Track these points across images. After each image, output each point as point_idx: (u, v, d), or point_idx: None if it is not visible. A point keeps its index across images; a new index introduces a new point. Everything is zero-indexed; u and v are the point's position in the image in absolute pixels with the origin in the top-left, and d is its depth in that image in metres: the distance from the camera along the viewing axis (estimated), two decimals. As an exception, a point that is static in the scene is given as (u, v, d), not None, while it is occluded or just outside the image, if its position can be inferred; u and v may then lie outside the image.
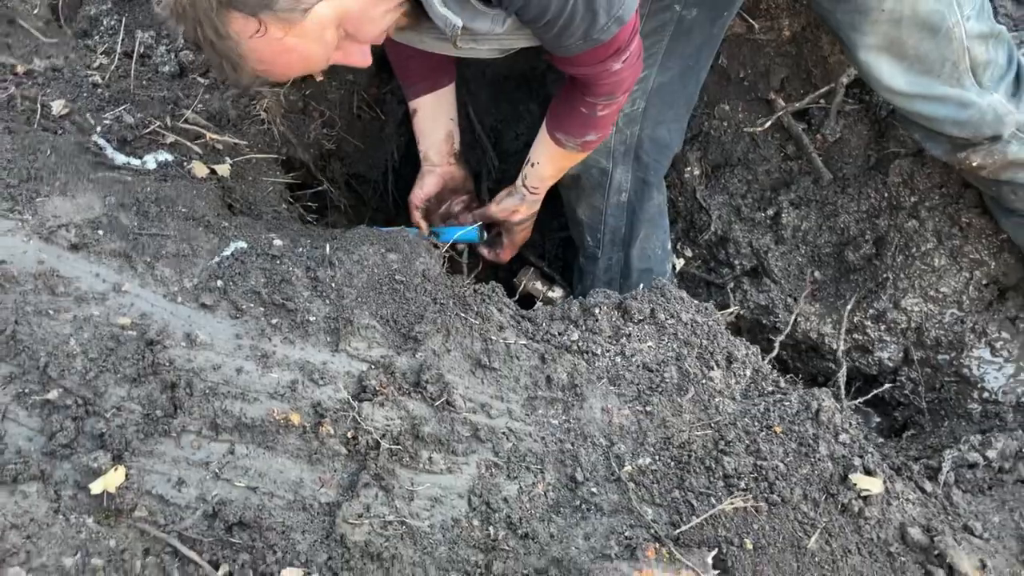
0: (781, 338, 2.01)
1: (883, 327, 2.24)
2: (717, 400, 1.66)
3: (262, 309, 1.55)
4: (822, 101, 2.27)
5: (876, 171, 2.28)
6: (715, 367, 1.70)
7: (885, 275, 2.25)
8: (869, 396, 2.02)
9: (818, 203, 2.36)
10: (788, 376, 1.83)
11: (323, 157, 2.21)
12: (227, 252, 1.60)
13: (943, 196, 2.18)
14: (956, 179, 2.14)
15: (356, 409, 1.47)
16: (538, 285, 2.31)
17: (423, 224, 2.07)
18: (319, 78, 2.10)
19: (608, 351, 1.68)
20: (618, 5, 1.50)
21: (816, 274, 2.38)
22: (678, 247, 2.47)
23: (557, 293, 2.31)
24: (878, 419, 2.33)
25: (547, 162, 1.96)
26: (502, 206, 2.06)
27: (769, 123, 2.21)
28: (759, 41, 2.24)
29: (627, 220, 2.25)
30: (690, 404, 1.64)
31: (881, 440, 2.04)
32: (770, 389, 1.76)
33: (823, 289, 2.38)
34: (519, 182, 2.03)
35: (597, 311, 1.71)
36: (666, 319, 1.72)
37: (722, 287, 2.43)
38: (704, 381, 1.67)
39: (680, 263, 2.43)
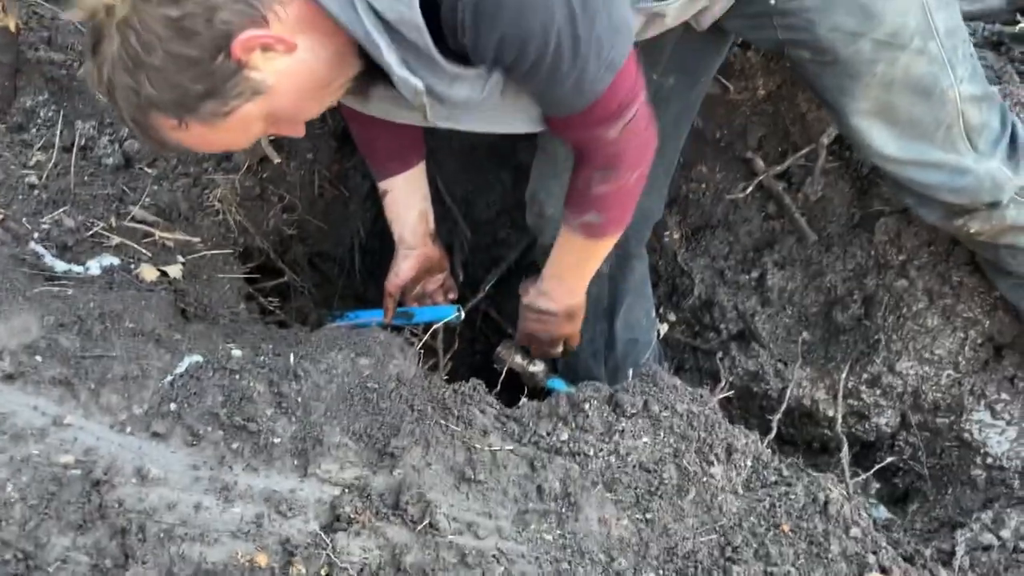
0: (778, 416, 1.91)
1: (878, 391, 2.16)
2: (720, 499, 1.55)
3: (221, 433, 1.41)
4: (802, 160, 2.20)
5: (861, 229, 2.21)
6: (715, 461, 1.59)
7: (876, 336, 2.17)
8: (872, 471, 1.92)
9: (803, 263, 2.28)
10: (788, 461, 1.72)
11: (283, 243, 2.08)
12: (180, 369, 1.46)
13: (932, 254, 2.11)
14: (945, 236, 2.07)
15: (329, 542, 1.34)
16: (518, 359, 2.19)
17: (390, 311, 1.94)
18: (276, 160, 1.97)
19: (601, 451, 1.56)
20: (607, 47, 1.34)
21: (804, 335, 2.29)
22: (661, 311, 2.37)
23: (538, 367, 2.19)
24: (878, 485, 2.23)
25: (557, 248, 1.80)
26: (524, 286, 1.95)
27: (750, 188, 2.12)
28: (734, 101, 2.17)
29: (609, 291, 2.14)
30: (692, 506, 1.52)
31: (887, 517, 1.94)
32: (773, 479, 1.65)
33: (812, 351, 2.29)
34: (541, 278, 1.90)
35: (587, 406, 1.60)
36: (660, 411, 1.61)
37: (709, 353, 2.33)
38: (705, 479, 1.56)
39: (664, 328, 2.33)
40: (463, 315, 2.03)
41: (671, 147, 1.93)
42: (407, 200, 1.90)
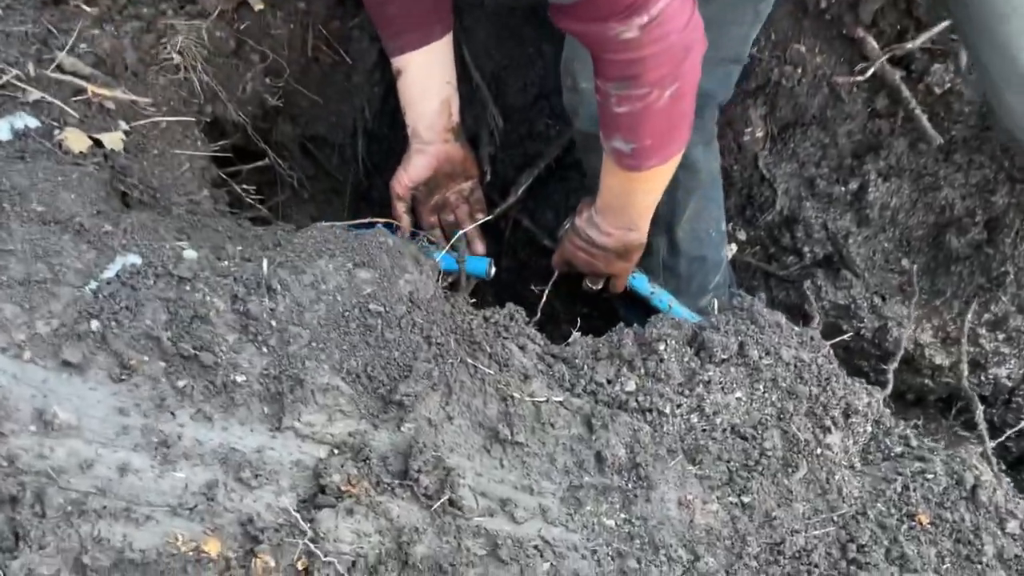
0: (894, 365, 1.51)
1: (1001, 336, 1.76)
2: (838, 477, 1.15)
3: (162, 365, 1.00)
4: (928, 42, 1.73)
5: (994, 132, 1.76)
6: (832, 427, 1.19)
7: (1003, 268, 1.76)
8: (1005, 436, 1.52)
9: (914, 174, 1.84)
10: (912, 423, 1.33)
11: (266, 117, 1.64)
12: (109, 273, 1.05)
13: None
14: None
15: (310, 524, 0.95)
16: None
17: (406, 220, 1.53)
18: (258, 6, 1.51)
19: (681, 408, 1.16)
20: None
21: (905, 263, 1.87)
22: (730, 228, 1.94)
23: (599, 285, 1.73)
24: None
25: (603, 173, 1.42)
26: (583, 203, 1.57)
27: (870, 72, 1.66)
28: (848, -39, 1.69)
29: (667, 194, 1.69)
30: (803, 488, 1.13)
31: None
32: (899, 450, 1.26)
33: (912, 283, 1.87)
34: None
35: (662, 347, 1.19)
36: (760, 357, 1.20)
37: (786, 281, 1.91)
38: (819, 451, 1.16)
39: (732, 249, 1.91)
40: (494, 271, 1.60)
41: (743, 10, 1.47)
42: (426, 84, 1.50)
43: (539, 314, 1.45)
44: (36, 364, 0.97)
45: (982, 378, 1.77)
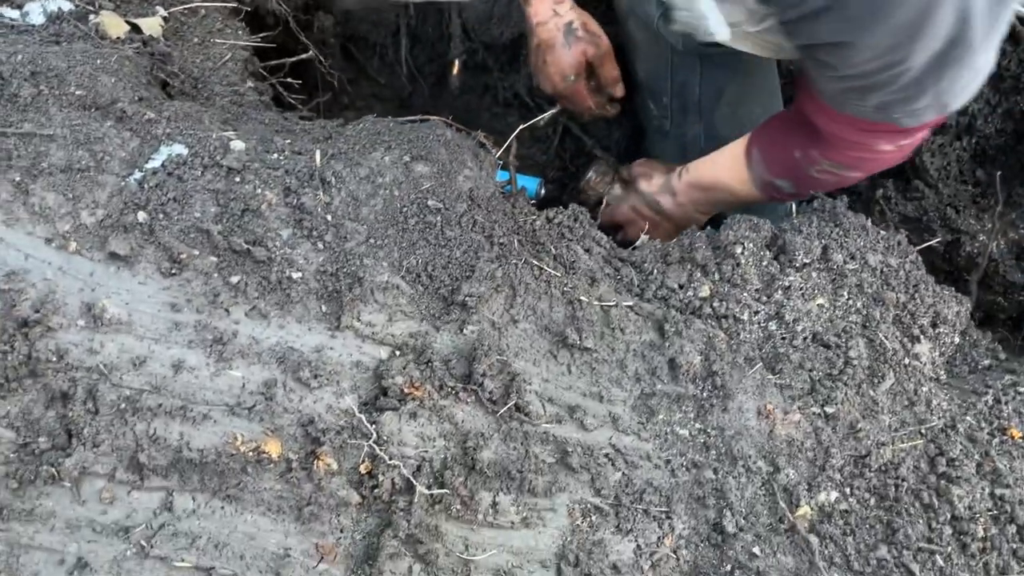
0: (977, 276, 1.42)
1: (1084, 252, 1.64)
2: (926, 389, 1.08)
3: (214, 259, 0.94)
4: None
5: None
6: (921, 336, 1.11)
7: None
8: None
9: (993, 77, 1.71)
10: (1000, 336, 1.25)
11: (307, 9, 1.54)
12: (154, 163, 0.98)
13: None
14: None
15: (373, 427, 0.90)
16: (617, 188, 1.65)
17: (591, 103, 1.48)
18: None
19: (759, 315, 1.08)
20: (952, 93, 0.98)
21: (980, 173, 1.76)
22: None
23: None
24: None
25: (722, 168, 1.32)
26: (646, 164, 1.50)
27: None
28: None
29: (702, 74, 1.54)
30: (889, 399, 1.06)
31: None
32: (987, 363, 1.19)
33: (987, 195, 1.76)
34: (676, 172, 1.40)
35: (739, 250, 1.11)
36: (845, 262, 1.12)
37: (856, 192, 1.81)
38: (907, 360, 1.09)
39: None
40: (544, 192, 1.52)
41: None
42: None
43: (598, 220, 1.37)
44: (82, 256, 0.91)
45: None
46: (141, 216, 0.94)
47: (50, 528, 0.83)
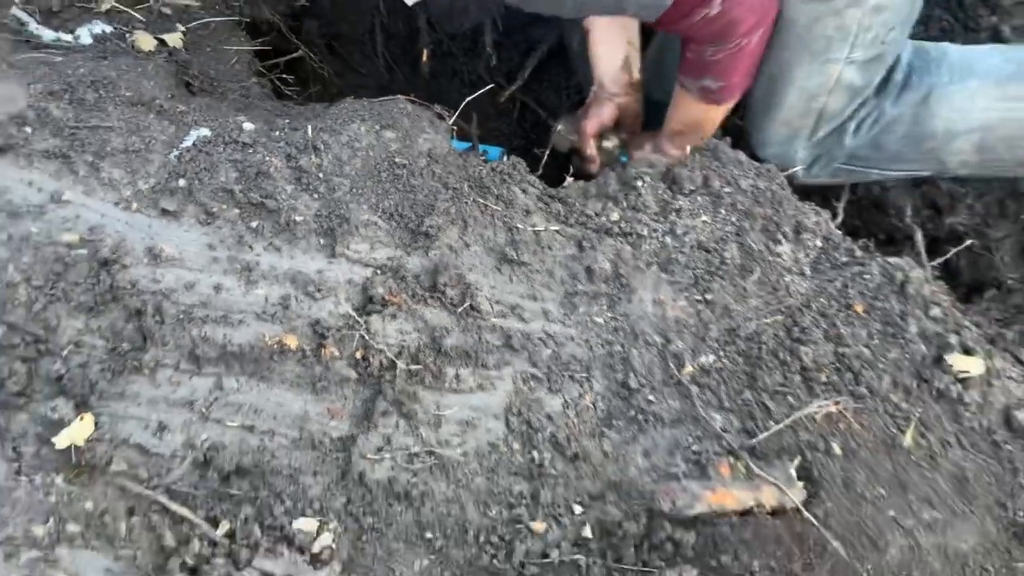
0: (843, 204, 1.73)
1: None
2: (787, 279, 1.41)
3: (237, 211, 1.27)
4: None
5: None
6: (782, 240, 1.43)
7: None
8: (947, 256, 1.75)
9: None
10: (860, 241, 1.56)
11: (295, 16, 1.86)
12: (187, 143, 1.31)
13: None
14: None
15: (363, 324, 1.23)
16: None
17: (598, 157, 1.80)
18: (280, -83, 1.73)
19: (656, 231, 1.41)
20: None
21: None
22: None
23: (612, 142, 1.93)
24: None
25: (675, 108, 1.64)
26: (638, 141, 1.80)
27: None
28: None
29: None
30: (756, 287, 1.38)
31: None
32: (844, 260, 1.50)
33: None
34: (658, 134, 1.73)
35: (639, 184, 1.43)
36: (722, 187, 1.44)
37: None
38: (771, 258, 1.41)
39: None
40: (507, 159, 1.85)
41: None
42: (611, 44, 1.72)
43: (541, 170, 1.70)
44: (141, 213, 1.25)
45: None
46: (181, 182, 1.27)
47: (137, 404, 1.16)
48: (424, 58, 2.20)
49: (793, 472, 1.21)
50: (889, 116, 1.62)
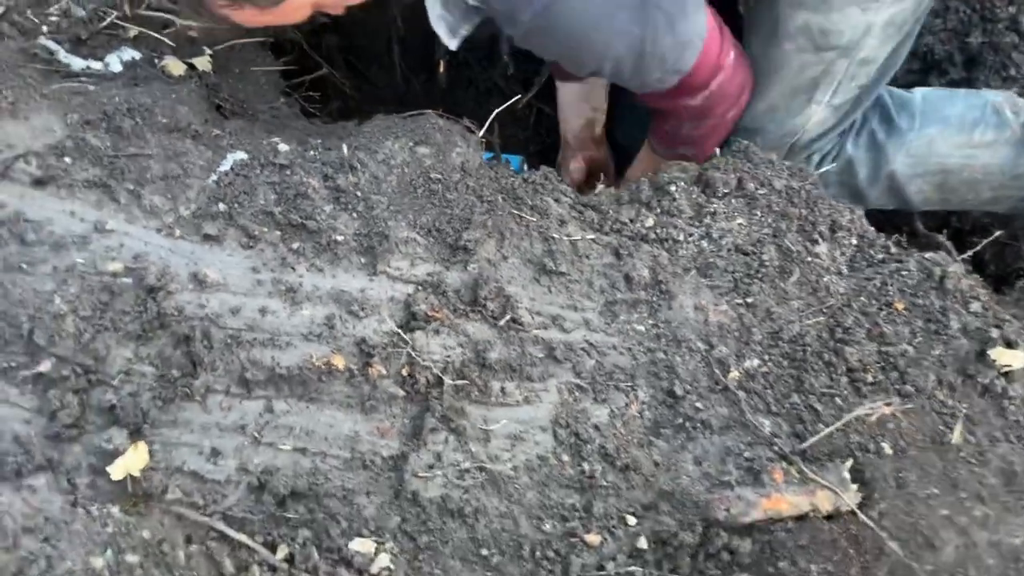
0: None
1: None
2: (826, 279, 1.40)
3: (278, 233, 1.28)
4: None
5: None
6: (819, 240, 1.43)
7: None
8: (974, 250, 1.75)
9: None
10: (894, 237, 1.56)
11: (315, 32, 1.87)
12: (225, 167, 1.31)
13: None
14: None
15: (408, 341, 1.23)
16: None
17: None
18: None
19: (692, 236, 1.41)
20: (672, 60, 1.39)
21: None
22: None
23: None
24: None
25: (640, 161, 1.76)
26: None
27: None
28: None
29: None
30: (796, 288, 1.38)
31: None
32: (880, 257, 1.50)
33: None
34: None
35: (673, 188, 1.43)
36: (756, 189, 1.44)
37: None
38: (809, 259, 1.41)
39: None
40: (526, 167, 1.92)
41: None
42: (577, 107, 1.89)
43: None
44: (184, 239, 1.25)
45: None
46: (222, 207, 1.28)
47: (189, 431, 1.16)
48: (440, 69, 2.20)
49: (847, 475, 1.21)
50: (849, 155, 1.70)
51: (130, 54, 1.45)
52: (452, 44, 1.41)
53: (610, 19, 1.34)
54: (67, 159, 1.25)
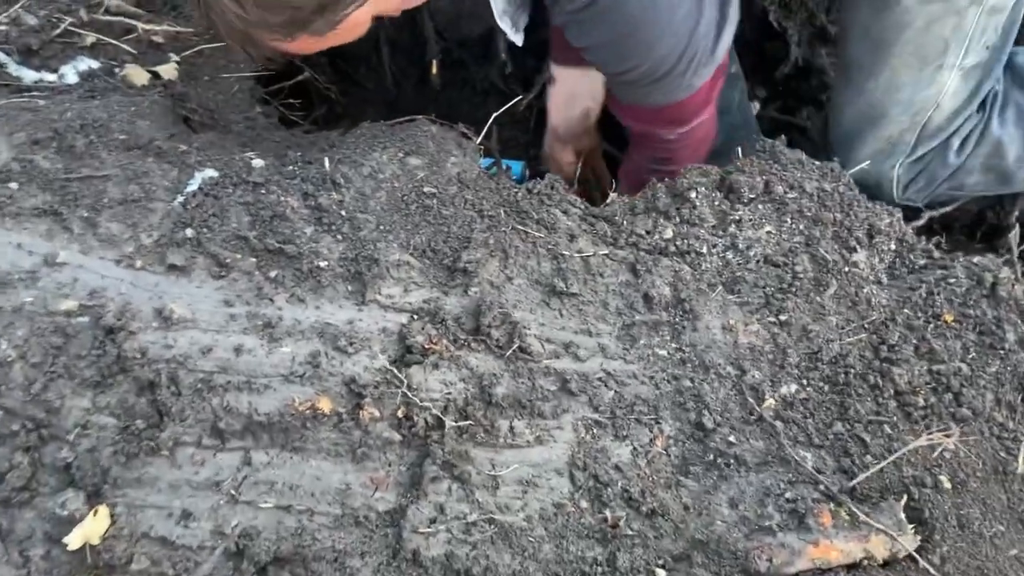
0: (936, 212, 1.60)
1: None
2: (866, 291, 1.26)
3: (253, 260, 1.14)
4: None
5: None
6: (857, 247, 1.29)
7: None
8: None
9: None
10: (934, 239, 1.42)
11: (296, 34, 1.72)
12: (192, 187, 1.17)
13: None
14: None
15: (403, 378, 1.09)
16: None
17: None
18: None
19: (716, 247, 1.27)
20: (695, 73, 1.33)
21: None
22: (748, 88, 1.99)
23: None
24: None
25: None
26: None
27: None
28: None
29: None
30: (834, 303, 1.24)
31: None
32: (922, 263, 1.36)
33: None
34: None
35: (693, 195, 1.29)
36: (785, 192, 1.30)
37: (808, 131, 1.98)
38: (847, 269, 1.27)
39: (756, 108, 1.97)
40: (528, 173, 1.79)
41: None
42: (576, 96, 1.72)
43: (575, 184, 1.56)
44: (147, 271, 1.11)
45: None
46: (189, 232, 1.14)
47: (157, 490, 1.03)
48: (433, 69, 2.07)
49: (902, 515, 1.07)
50: (995, 135, 1.52)
51: (87, 64, 1.31)
52: (518, 39, 1.33)
53: (672, 10, 1.24)
54: (12, 184, 1.11)
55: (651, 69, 1.30)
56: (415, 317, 1.15)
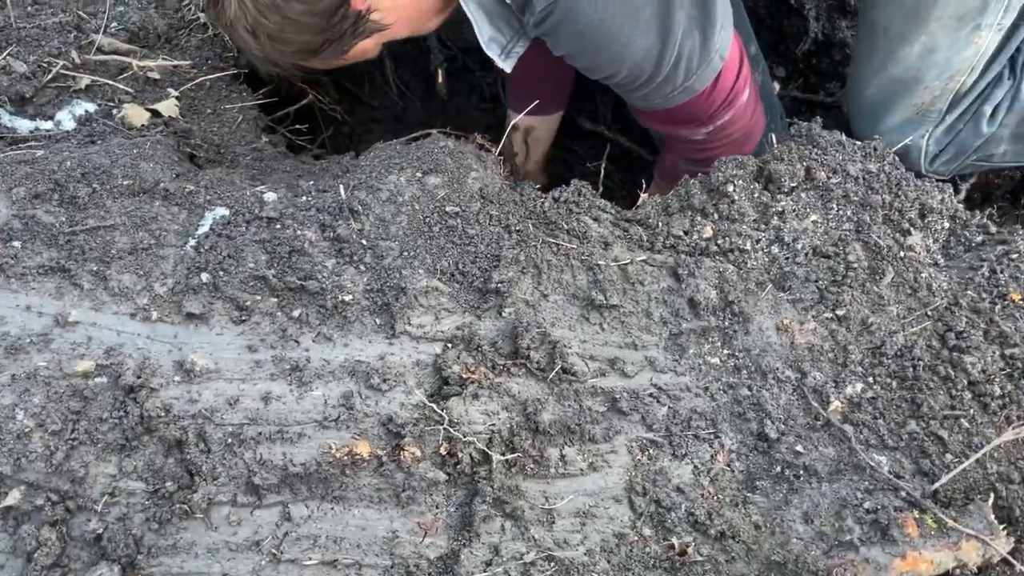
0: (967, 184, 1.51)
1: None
2: (925, 275, 1.18)
3: (275, 300, 1.07)
4: None
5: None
6: (911, 229, 1.21)
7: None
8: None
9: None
10: (987, 211, 1.34)
11: (297, 57, 1.66)
12: (204, 228, 1.11)
13: None
14: None
15: (443, 413, 1.02)
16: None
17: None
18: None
19: (760, 242, 1.19)
20: (687, 76, 1.28)
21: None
22: (768, 67, 1.91)
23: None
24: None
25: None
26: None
27: None
28: None
29: None
30: (893, 291, 1.16)
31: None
32: (979, 239, 1.28)
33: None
34: None
35: (730, 188, 1.21)
36: (829, 178, 1.22)
37: (832, 107, 1.90)
38: (902, 254, 1.19)
39: (775, 87, 1.89)
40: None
41: None
42: (537, 140, 1.86)
43: (601, 188, 1.48)
44: (164, 322, 1.05)
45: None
46: (204, 277, 1.07)
47: (194, 555, 0.96)
48: (439, 78, 2.00)
49: (991, 516, 0.99)
50: None
51: (83, 107, 1.26)
52: (507, 66, 1.34)
53: (632, 16, 1.20)
54: (16, 243, 1.05)
55: (632, 75, 1.27)
56: (449, 346, 1.08)
